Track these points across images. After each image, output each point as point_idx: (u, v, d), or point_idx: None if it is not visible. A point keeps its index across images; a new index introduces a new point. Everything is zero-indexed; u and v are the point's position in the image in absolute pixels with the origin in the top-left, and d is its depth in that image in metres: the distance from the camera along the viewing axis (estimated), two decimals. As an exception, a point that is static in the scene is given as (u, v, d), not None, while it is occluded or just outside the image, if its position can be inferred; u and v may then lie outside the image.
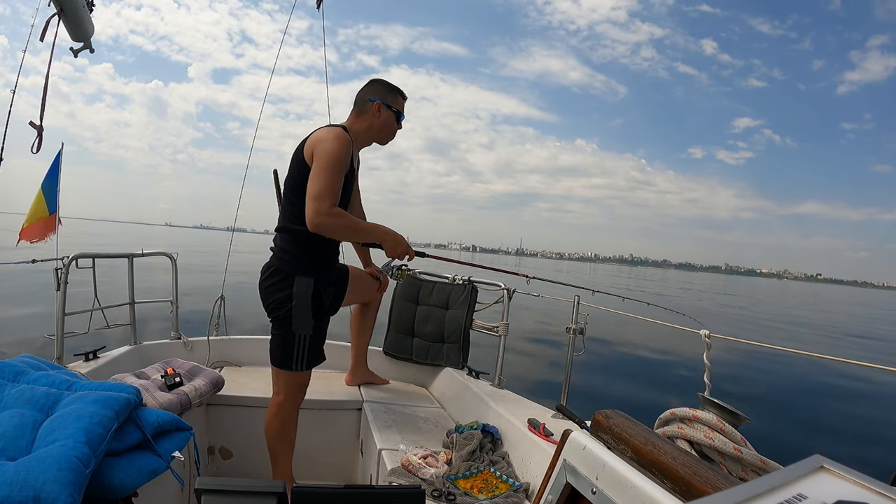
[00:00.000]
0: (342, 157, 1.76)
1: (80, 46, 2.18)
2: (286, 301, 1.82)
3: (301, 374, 1.90)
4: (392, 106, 1.93)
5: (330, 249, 1.93)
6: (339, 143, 1.76)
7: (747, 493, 0.40)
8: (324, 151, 1.74)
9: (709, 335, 1.51)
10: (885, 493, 0.40)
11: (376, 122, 1.92)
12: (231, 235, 3.22)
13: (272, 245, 1.92)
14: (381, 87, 1.94)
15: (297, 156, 1.83)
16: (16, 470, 1.02)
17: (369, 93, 1.93)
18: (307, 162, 1.77)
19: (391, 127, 1.96)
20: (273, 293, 1.84)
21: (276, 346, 1.87)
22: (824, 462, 0.45)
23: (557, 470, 0.99)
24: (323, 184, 1.71)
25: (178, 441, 1.42)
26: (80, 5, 2.05)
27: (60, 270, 2.07)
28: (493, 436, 1.88)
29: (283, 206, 1.89)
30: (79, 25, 2.09)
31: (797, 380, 6.93)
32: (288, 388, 1.89)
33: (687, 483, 0.81)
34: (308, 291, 1.83)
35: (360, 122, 1.92)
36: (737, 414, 1.16)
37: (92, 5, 2.14)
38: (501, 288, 2.47)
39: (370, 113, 1.91)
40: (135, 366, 2.27)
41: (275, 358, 1.88)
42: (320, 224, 1.71)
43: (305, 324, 1.84)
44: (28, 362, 1.47)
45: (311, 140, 1.81)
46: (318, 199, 1.70)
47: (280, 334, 1.86)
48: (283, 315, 1.83)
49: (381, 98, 1.91)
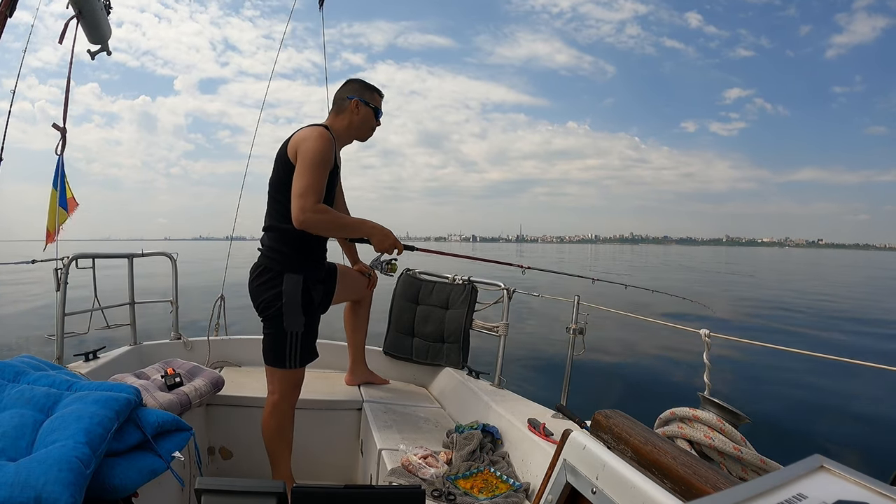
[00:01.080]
0: (326, 155, 1.79)
1: (98, 49, 2.19)
2: (276, 299, 1.83)
3: (295, 372, 1.90)
4: (369, 102, 1.97)
5: (317, 247, 1.95)
6: (322, 141, 1.79)
7: (747, 493, 0.40)
8: (307, 150, 1.77)
9: (709, 335, 1.51)
10: (885, 493, 0.40)
11: (355, 119, 1.95)
12: (230, 244, 3.22)
13: (260, 245, 1.94)
14: (358, 86, 1.98)
15: (280, 156, 1.85)
16: (17, 470, 1.02)
17: (346, 91, 1.97)
18: (291, 161, 1.80)
19: (370, 123, 2.00)
20: (263, 292, 1.85)
21: (269, 344, 1.89)
22: (824, 462, 0.45)
23: (557, 470, 0.99)
24: (307, 181, 1.74)
25: (179, 441, 1.43)
26: (98, 7, 2.06)
27: (60, 270, 2.07)
28: (493, 436, 1.88)
29: (269, 206, 1.91)
30: (97, 28, 2.10)
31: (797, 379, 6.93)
32: (283, 386, 1.90)
33: (687, 483, 0.81)
34: (297, 289, 1.84)
35: (340, 121, 1.96)
36: (737, 414, 1.16)
37: (109, 7, 2.15)
38: (501, 288, 2.47)
39: (349, 110, 1.95)
40: (135, 366, 2.27)
41: (268, 357, 1.89)
42: (306, 221, 1.73)
43: (296, 321, 1.85)
44: (28, 363, 1.47)
45: (294, 139, 1.83)
46: (303, 196, 1.72)
47: (272, 333, 1.87)
48: (274, 313, 1.84)
49: (359, 95, 1.96)
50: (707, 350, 1.50)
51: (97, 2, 2.06)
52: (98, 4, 2.06)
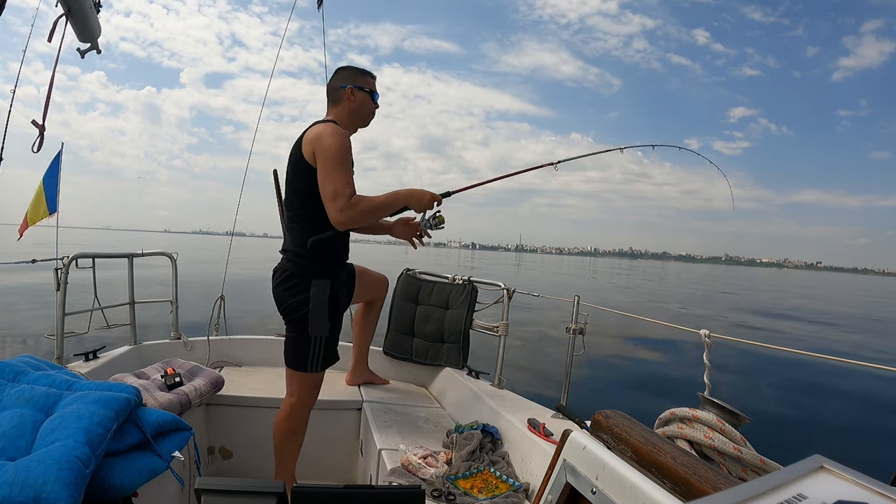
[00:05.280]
0: (347, 151, 1.77)
1: (88, 47, 2.19)
2: (303, 304, 1.81)
3: (315, 376, 1.89)
4: (364, 87, 1.91)
5: (342, 249, 1.94)
6: (339, 136, 1.76)
7: (747, 493, 0.40)
8: (327, 148, 1.73)
9: (709, 335, 1.51)
10: (885, 493, 0.40)
11: (353, 107, 1.90)
12: (230, 239, 3.21)
13: (282, 248, 1.91)
14: (349, 72, 1.93)
15: (295, 157, 1.81)
16: (16, 470, 1.02)
17: (339, 80, 1.92)
18: (310, 162, 1.76)
19: (368, 107, 1.94)
20: (289, 297, 1.82)
21: (292, 348, 1.86)
22: (824, 462, 0.45)
23: (557, 470, 0.99)
24: (337, 182, 1.72)
25: (178, 441, 1.43)
26: (87, 6, 2.06)
27: (60, 270, 2.07)
28: (493, 436, 1.88)
29: (291, 210, 1.88)
30: (86, 26, 2.10)
31: (797, 380, 6.93)
32: (302, 389, 1.89)
33: (687, 483, 0.81)
34: (325, 294, 1.82)
35: (340, 111, 1.91)
36: (737, 414, 1.16)
37: (99, 6, 2.15)
38: (501, 288, 2.47)
39: (345, 99, 1.90)
40: (135, 366, 2.27)
41: (290, 360, 1.87)
42: (346, 220, 1.73)
43: (322, 326, 1.83)
44: (28, 362, 1.47)
45: (307, 139, 1.79)
46: (336, 198, 1.71)
47: (295, 336, 1.84)
48: (299, 318, 1.82)
49: (352, 82, 1.90)
50: (707, 350, 1.50)
51: (86, 0, 2.05)
52: (87, 3, 2.06)
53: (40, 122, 1.97)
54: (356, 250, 2.34)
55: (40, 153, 1.95)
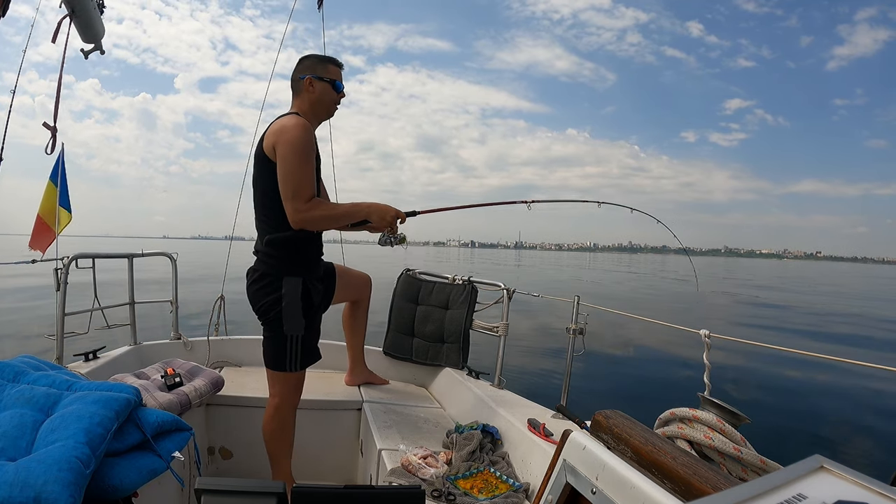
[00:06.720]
0: (307, 145, 1.73)
1: (91, 48, 2.19)
2: (276, 303, 1.80)
3: (296, 375, 1.88)
4: (323, 77, 1.85)
5: (313, 246, 1.92)
6: (299, 129, 1.72)
7: (747, 493, 0.40)
8: (286, 143, 1.70)
9: (708, 335, 1.51)
10: (885, 493, 0.40)
11: (313, 98, 1.84)
12: (230, 244, 3.21)
13: (254, 249, 1.89)
14: (309, 62, 1.87)
15: (259, 155, 1.78)
16: (16, 470, 1.02)
17: (299, 71, 1.87)
18: (270, 157, 1.73)
19: (329, 96, 1.87)
20: (262, 296, 1.82)
21: (269, 348, 1.86)
22: (824, 462, 0.45)
23: (557, 470, 0.99)
24: (295, 180, 1.69)
25: (178, 441, 1.43)
26: (91, 7, 2.06)
27: (60, 270, 2.07)
28: (493, 436, 1.88)
29: (258, 209, 1.86)
30: (90, 27, 2.10)
31: (797, 380, 6.93)
32: (283, 389, 1.88)
33: (687, 483, 0.81)
34: (297, 291, 1.81)
35: (301, 103, 1.86)
36: (737, 414, 1.16)
37: (103, 7, 2.15)
38: (501, 288, 2.47)
39: (304, 90, 1.84)
40: (135, 366, 2.27)
41: (268, 360, 1.87)
42: (302, 221, 1.71)
43: (297, 324, 1.82)
44: (28, 362, 1.47)
45: (269, 134, 1.76)
46: (294, 197, 1.69)
47: (272, 336, 1.84)
48: (274, 317, 1.81)
49: (311, 72, 1.84)
50: (707, 350, 1.50)
51: (90, 1, 2.05)
52: (91, 3, 2.06)
53: (52, 124, 1.98)
54: (356, 250, 2.32)
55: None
